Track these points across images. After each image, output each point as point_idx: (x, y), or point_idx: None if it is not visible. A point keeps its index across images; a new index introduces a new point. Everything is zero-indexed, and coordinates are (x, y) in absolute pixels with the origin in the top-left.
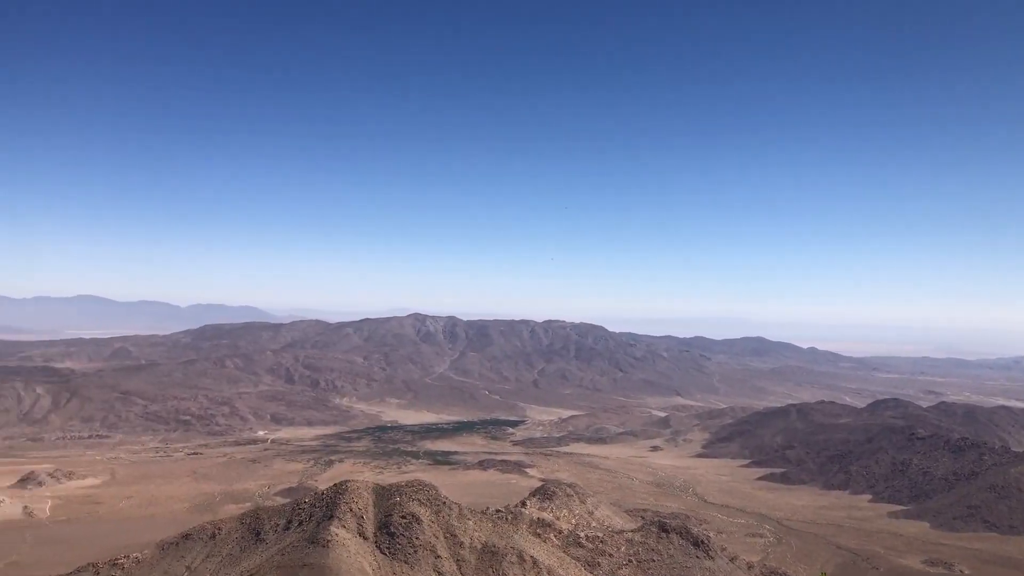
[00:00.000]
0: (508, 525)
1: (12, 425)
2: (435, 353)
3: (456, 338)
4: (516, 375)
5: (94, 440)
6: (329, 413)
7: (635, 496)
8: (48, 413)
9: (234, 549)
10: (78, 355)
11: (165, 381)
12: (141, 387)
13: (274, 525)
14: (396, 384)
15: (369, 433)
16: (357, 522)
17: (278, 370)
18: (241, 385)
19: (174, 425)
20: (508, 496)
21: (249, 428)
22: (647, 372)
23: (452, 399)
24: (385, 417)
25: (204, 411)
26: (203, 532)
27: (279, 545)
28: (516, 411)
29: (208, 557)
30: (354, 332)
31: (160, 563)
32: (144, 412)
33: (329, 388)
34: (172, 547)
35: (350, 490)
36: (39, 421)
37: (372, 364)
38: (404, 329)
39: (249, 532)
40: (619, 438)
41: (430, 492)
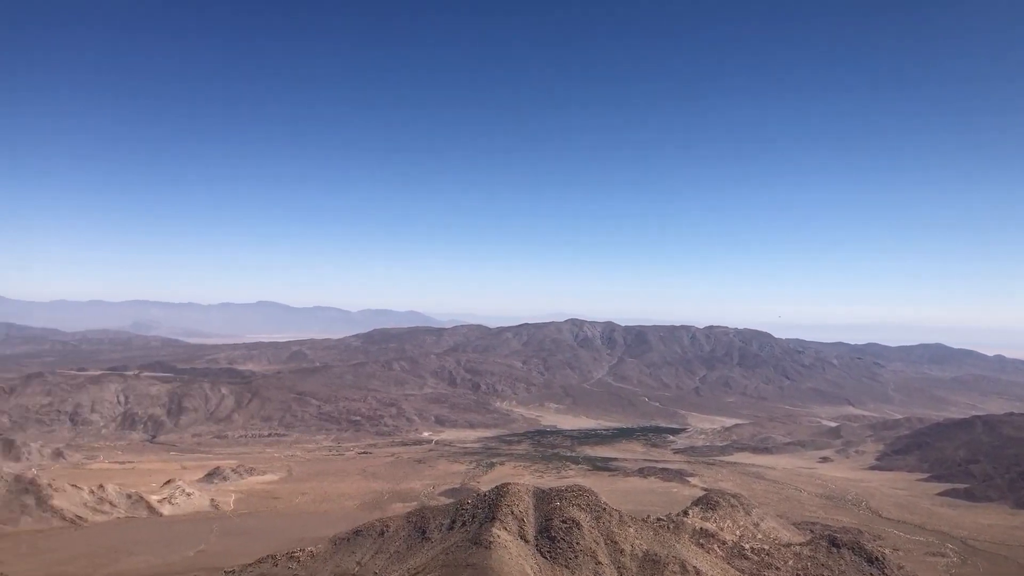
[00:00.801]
0: (670, 534)
1: (200, 423)
2: (593, 358)
3: (614, 344)
4: (676, 382)
5: (272, 438)
6: (490, 416)
7: (803, 509)
8: (232, 412)
9: (401, 546)
10: (259, 358)
11: (337, 383)
12: (315, 388)
13: (439, 524)
14: (554, 389)
15: (529, 437)
16: (518, 525)
17: (441, 373)
18: (407, 387)
19: (345, 425)
20: (669, 505)
21: (415, 429)
22: (816, 380)
23: (611, 405)
24: (544, 421)
25: (373, 412)
26: (372, 529)
27: (443, 544)
28: (676, 418)
29: (377, 553)
30: (513, 337)
31: (333, 557)
32: (318, 412)
33: (489, 392)
34: (344, 542)
35: (511, 493)
36: (224, 420)
37: (531, 369)
38: (562, 334)
39: (415, 530)
40: (786, 448)
41: (590, 498)
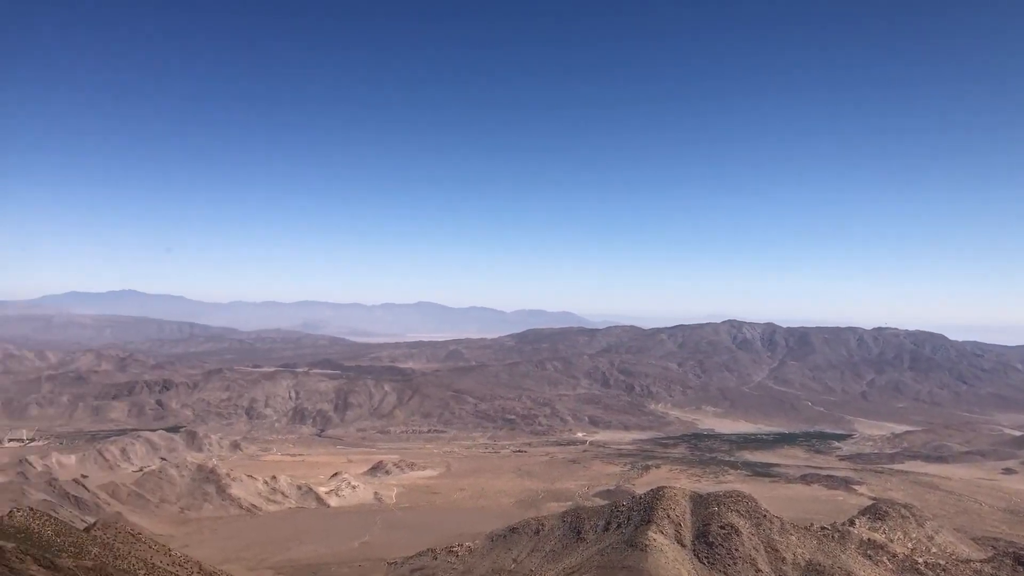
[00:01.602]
0: (834, 544)
1: (364, 419)
2: (752, 361)
3: (775, 346)
4: (842, 386)
5: (432, 434)
6: (644, 418)
7: (983, 523)
8: (394, 408)
9: (556, 545)
10: (418, 356)
11: (492, 381)
12: (472, 386)
13: (593, 525)
14: (711, 392)
15: (685, 440)
16: (675, 529)
17: (595, 374)
18: (561, 387)
19: (500, 423)
20: (833, 514)
21: (568, 429)
22: (997, 385)
23: (771, 409)
24: (701, 425)
25: (528, 411)
26: (528, 527)
27: (598, 545)
28: (842, 424)
29: (533, 551)
30: (668, 338)
31: (490, 553)
32: (475, 410)
33: (644, 393)
34: (500, 539)
35: (667, 496)
36: (386, 416)
37: (687, 371)
38: (719, 336)
39: (570, 530)
40: (963, 458)
41: (749, 504)
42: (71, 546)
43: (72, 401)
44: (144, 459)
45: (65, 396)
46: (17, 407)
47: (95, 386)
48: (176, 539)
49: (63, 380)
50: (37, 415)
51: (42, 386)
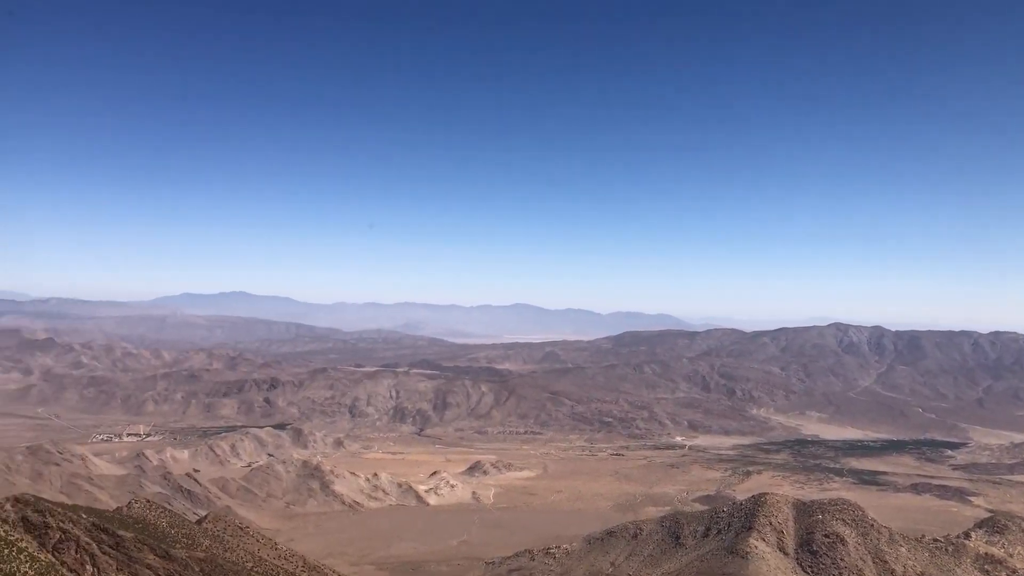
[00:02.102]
0: (948, 557)
1: (462, 419)
2: (859, 365)
3: (883, 350)
4: (955, 392)
5: (528, 436)
6: (746, 423)
7: None
8: (491, 409)
9: (655, 550)
10: (515, 357)
11: (589, 384)
12: (568, 388)
13: (693, 531)
14: (816, 397)
15: (787, 446)
16: (777, 536)
17: (694, 378)
18: (659, 391)
19: (597, 426)
20: (947, 525)
21: (667, 433)
22: None
23: (879, 415)
24: (804, 431)
25: (625, 414)
26: (626, 531)
27: (698, 551)
28: (955, 432)
29: (631, 556)
30: (771, 342)
31: (587, 556)
32: (571, 412)
33: (745, 398)
34: (598, 542)
35: (769, 503)
36: (484, 416)
37: (790, 375)
38: (824, 339)
39: (669, 535)
40: None
41: (856, 512)
42: (184, 537)
43: (185, 398)
44: (252, 455)
45: (179, 393)
46: (134, 403)
47: (207, 384)
48: (282, 533)
49: (177, 378)
50: (153, 411)
51: (157, 383)
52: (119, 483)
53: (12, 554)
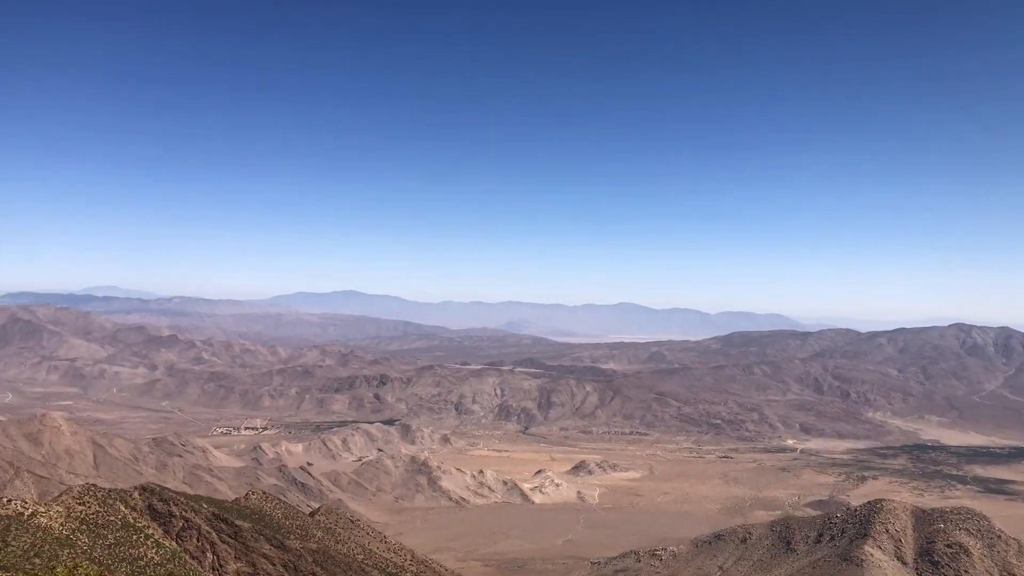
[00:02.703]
0: None
1: (567, 418)
2: (984, 368)
3: (1011, 352)
4: None
5: (634, 436)
6: (861, 427)
7: None
8: (595, 409)
9: (764, 555)
10: (619, 357)
11: (696, 385)
12: (674, 389)
13: (805, 536)
14: (936, 400)
15: (906, 451)
16: (894, 545)
17: (806, 379)
18: (769, 392)
19: (705, 428)
20: None
21: (778, 436)
22: None
23: (1007, 420)
24: (924, 435)
25: (733, 416)
26: (735, 535)
27: (810, 558)
28: None
29: (739, 560)
30: (887, 343)
31: (694, 559)
32: (678, 413)
33: (860, 400)
34: (705, 545)
35: (886, 510)
36: (588, 416)
37: (908, 377)
38: (945, 340)
39: (779, 540)
40: None
41: (981, 522)
42: (298, 529)
43: (299, 393)
44: (363, 450)
45: (293, 389)
46: (252, 398)
47: (320, 380)
48: (391, 527)
49: (292, 374)
50: (269, 406)
51: (273, 379)
52: (237, 475)
53: (140, 540)
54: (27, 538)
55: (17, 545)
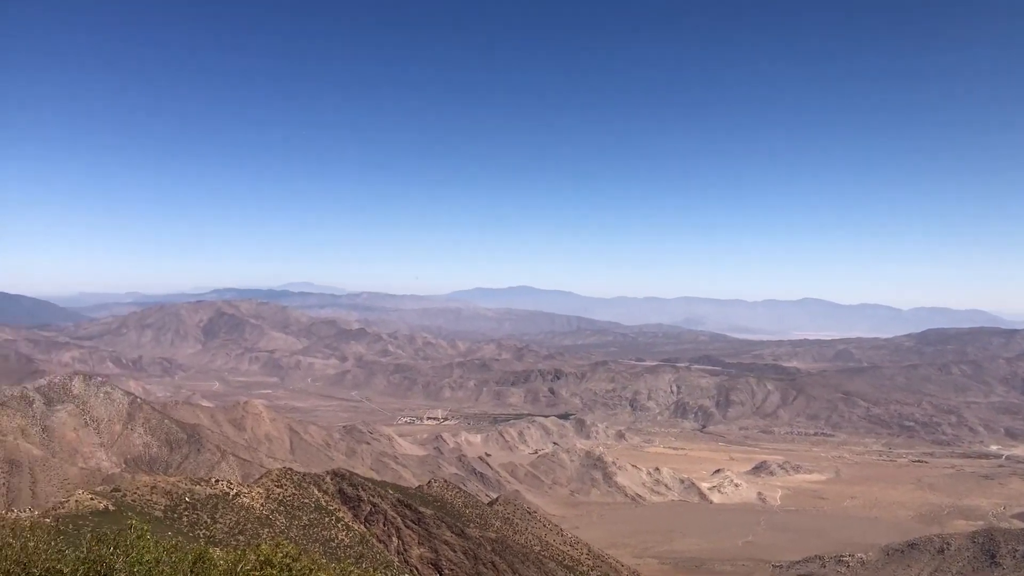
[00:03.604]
0: None
1: (746, 417)
2: None
3: None
4: None
5: (818, 437)
6: None
7: None
8: (777, 408)
9: (964, 568)
10: (803, 355)
11: (887, 385)
12: (863, 389)
13: (1011, 550)
14: None
15: None
16: None
17: (1012, 380)
18: (969, 394)
19: (896, 430)
20: None
21: (979, 441)
22: None
23: None
24: None
25: (928, 418)
26: (930, 544)
27: (1017, 573)
28: None
29: (935, 571)
30: None
31: (884, 568)
32: (866, 414)
33: None
34: (897, 554)
35: None
36: (769, 415)
37: None
38: None
39: (982, 552)
40: None
41: None
42: (477, 517)
43: (478, 386)
44: (538, 442)
45: (472, 381)
46: (433, 389)
47: (496, 373)
48: (567, 520)
49: (470, 367)
50: (449, 397)
51: (453, 372)
52: (420, 463)
53: (331, 522)
54: (232, 516)
55: (224, 522)
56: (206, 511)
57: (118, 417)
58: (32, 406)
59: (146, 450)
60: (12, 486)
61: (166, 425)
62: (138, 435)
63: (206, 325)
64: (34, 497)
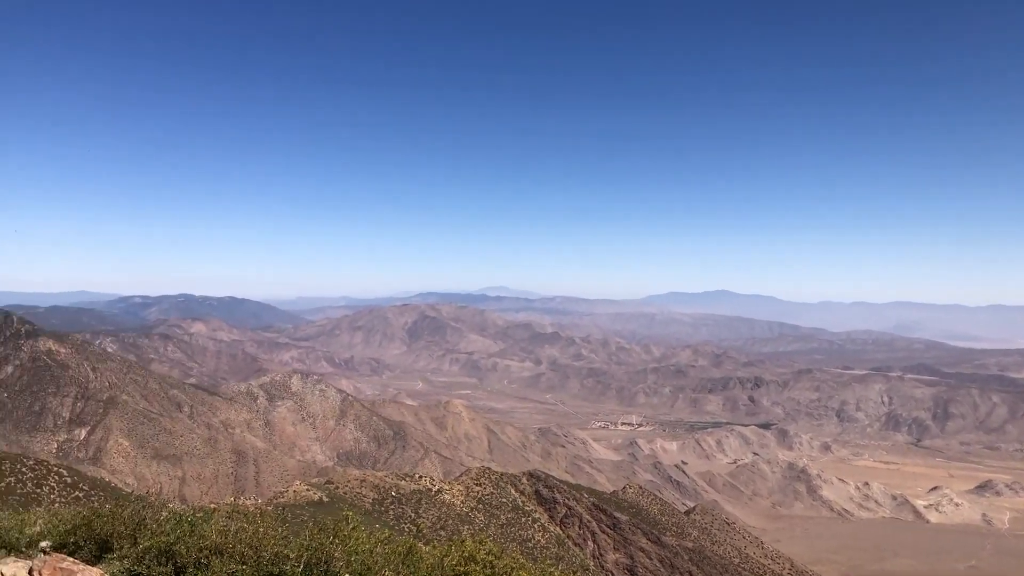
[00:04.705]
0: None
1: (968, 431)
2: None
3: None
4: None
5: None
6: None
7: None
8: (1004, 423)
9: None
10: None
11: None
12: None
13: None
14: None
15: None
16: None
17: None
18: None
19: None
20: None
21: None
22: None
23: None
24: None
25: None
26: None
27: None
28: None
29: None
30: None
31: None
32: None
33: None
34: None
35: None
36: (995, 430)
37: None
38: None
39: None
40: None
41: None
42: (673, 526)
43: (673, 392)
44: (737, 452)
45: (667, 387)
46: (627, 395)
47: (692, 379)
48: (767, 533)
49: (665, 373)
50: (643, 403)
51: (647, 377)
52: (614, 468)
53: (528, 522)
54: (434, 511)
55: (427, 517)
56: (410, 506)
57: (331, 413)
58: (256, 401)
59: (356, 445)
60: (239, 475)
61: (374, 422)
62: (349, 431)
63: (410, 327)
64: (257, 486)
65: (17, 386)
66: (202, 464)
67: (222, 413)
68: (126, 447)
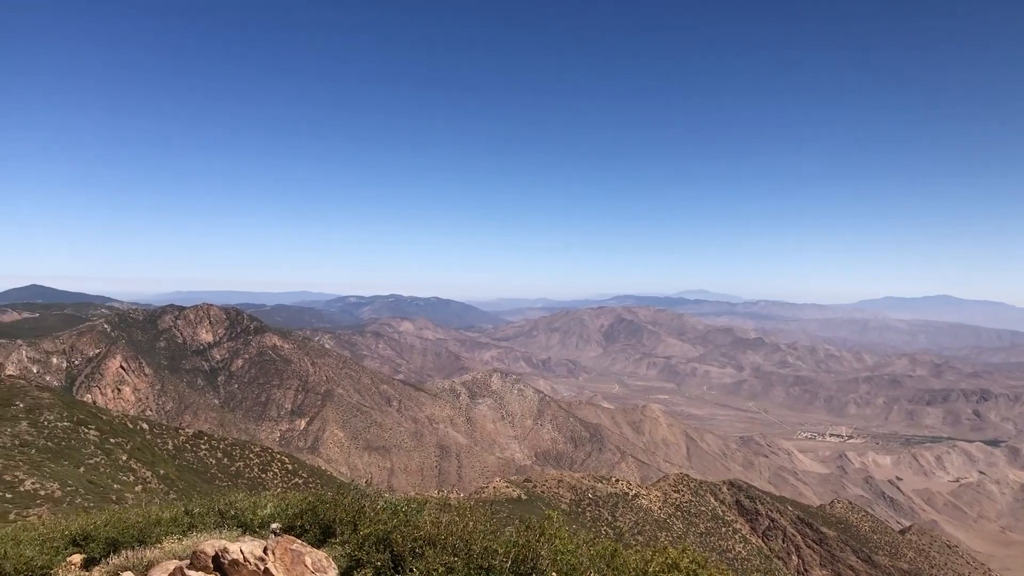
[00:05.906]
0: None
1: None
2: None
3: None
4: None
5: None
6: None
7: None
8: None
9: None
10: None
11: None
12: None
13: None
14: None
15: None
16: None
17: None
18: None
19: None
20: None
21: None
22: None
23: None
24: None
25: None
26: None
27: None
28: None
29: None
30: None
31: None
32: None
33: None
34: None
35: None
36: None
37: None
38: None
39: None
40: None
41: None
42: (886, 545)
43: (887, 403)
44: (959, 470)
45: (880, 398)
46: (836, 405)
47: (909, 390)
48: (995, 559)
49: (878, 382)
50: (854, 414)
51: (859, 386)
52: (821, 481)
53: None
54: (631, 516)
55: (623, 521)
56: (607, 508)
57: (529, 412)
58: (459, 398)
59: (553, 445)
60: (443, 469)
61: (571, 423)
62: (546, 430)
63: (606, 330)
64: (460, 480)
65: (246, 378)
66: (408, 457)
67: (427, 408)
68: (340, 438)
